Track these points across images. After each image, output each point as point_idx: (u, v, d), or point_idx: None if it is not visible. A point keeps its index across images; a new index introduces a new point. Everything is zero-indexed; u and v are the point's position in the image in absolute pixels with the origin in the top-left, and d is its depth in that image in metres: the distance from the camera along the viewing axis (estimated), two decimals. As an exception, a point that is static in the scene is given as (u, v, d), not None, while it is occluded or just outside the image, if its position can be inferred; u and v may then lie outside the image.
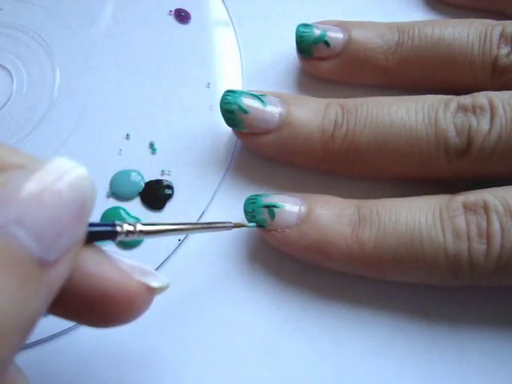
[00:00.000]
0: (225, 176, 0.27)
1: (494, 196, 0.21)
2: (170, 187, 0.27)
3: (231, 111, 0.24)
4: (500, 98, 0.22)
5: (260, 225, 0.23)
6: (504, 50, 0.24)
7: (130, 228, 0.17)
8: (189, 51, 0.30)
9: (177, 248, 0.25)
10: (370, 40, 0.26)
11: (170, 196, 0.26)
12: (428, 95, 0.24)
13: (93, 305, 0.16)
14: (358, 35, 0.26)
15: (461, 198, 0.21)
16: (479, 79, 0.25)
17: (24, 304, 0.13)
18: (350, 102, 0.24)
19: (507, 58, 0.24)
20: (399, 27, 0.26)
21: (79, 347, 0.24)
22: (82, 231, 0.15)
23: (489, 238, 0.20)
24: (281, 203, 0.23)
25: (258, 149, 0.26)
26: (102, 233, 0.17)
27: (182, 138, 0.28)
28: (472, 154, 0.22)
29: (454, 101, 0.23)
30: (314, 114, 0.24)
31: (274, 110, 0.24)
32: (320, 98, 0.26)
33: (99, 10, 0.31)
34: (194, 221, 0.26)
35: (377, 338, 0.23)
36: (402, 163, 0.23)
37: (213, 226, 0.22)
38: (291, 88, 0.29)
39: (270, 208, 0.22)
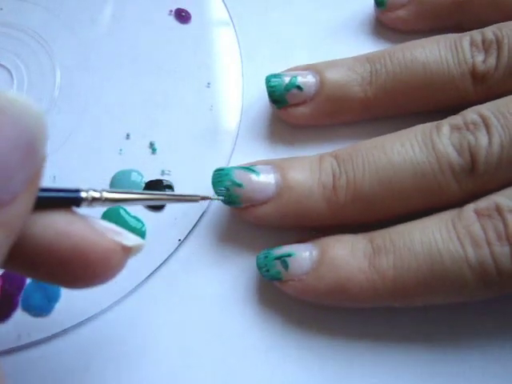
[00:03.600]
0: (225, 176, 0.27)
1: (506, 196, 0.20)
2: (170, 187, 0.27)
3: (226, 188, 0.23)
4: (489, 108, 0.22)
5: (276, 278, 0.22)
6: (479, 57, 0.24)
7: (96, 195, 0.17)
8: (189, 51, 0.30)
9: (177, 248, 0.25)
10: (342, 76, 0.25)
11: (170, 196, 0.26)
12: (417, 125, 0.23)
13: (67, 264, 0.16)
14: (330, 74, 0.25)
15: (471, 206, 0.21)
16: (462, 91, 0.24)
17: None
18: (343, 152, 0.23)
19: (484, 65, 0.24)
20: (368, 58, 0.26)
21: (79, 347, 0.24)
22: (34, 168, 0.14)
23: (509, 239, 0.20)
24: (292, 251, 0.22)
25: (261, 221, 0.24)
26: (65, 199, 0.17)
27: (182, 137, 0.28)
28: (479, 169, 0.21)
29: (445, 123, 0.22)
30: (310, 171, 0.23)
31: (268, 177, 0.23)
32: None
33: (99, 9, 0.31)
34: (196, 222, 0.26)
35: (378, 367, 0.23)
36: (413, 198, 0.22)
37: (179, 197, 0.22)
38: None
39: (283, 259, 0.22)
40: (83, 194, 0.17)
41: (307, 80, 0.26)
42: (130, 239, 0.18)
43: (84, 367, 0.23)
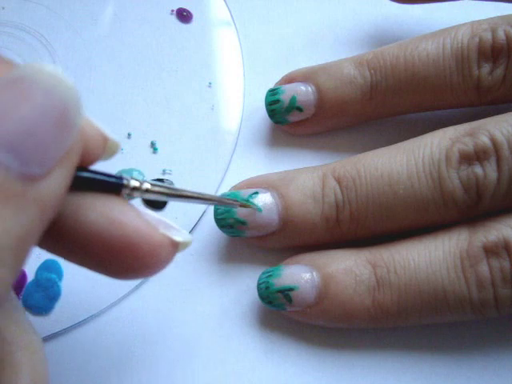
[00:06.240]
0: (226, 175, 0.27)
1: None
2: (171, 186, 0.26)
3: (230, 225, 0.23)
4: (503, 132, 0.21)
5: (279, 309, 0.23)
6: (486, 69, 0.23)
7: (136, 184, 0.17)
8: (190, 51, 0.30)
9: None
10: (342, 93, 0.25)
11: (171, 195, 0.26)
12: (425, 140, 0.22)
13: (116, 253, 0.16)
14: (329, 89, 0.25)
15: (481, 240, 0.21)
16: (463, 102, 0.24)
17: (8, 222, 0.12)
18: (346, 173, 0.23)
19: (491, 77, 0.23)
20: (369, 63, 0.25)
21: (79, 347, 0.24)
22: (69, 141, 0.13)
23: None
24: (295, 284, 0.22)
25: (265, 248, 0.25)
26: (106, 183, 0.16)
27: (183, 137, 0.28)
28: (484, 204, 0.21)
29: (455, 150, 0.21)
30: (313, 200, 0.23)
31: (271, 212, 0.23)
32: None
33: (101, 9, 0.31)
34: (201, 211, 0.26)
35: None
36: (414, 224, 0.22)
37: (218, 200, 0.22)
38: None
39: (286, 293, 0.22)
40: (125, 182, 0.16)
41: (306, 99, 0.25)
42: (179, 235, 0.17)
43: (84, 367, 0.23)
